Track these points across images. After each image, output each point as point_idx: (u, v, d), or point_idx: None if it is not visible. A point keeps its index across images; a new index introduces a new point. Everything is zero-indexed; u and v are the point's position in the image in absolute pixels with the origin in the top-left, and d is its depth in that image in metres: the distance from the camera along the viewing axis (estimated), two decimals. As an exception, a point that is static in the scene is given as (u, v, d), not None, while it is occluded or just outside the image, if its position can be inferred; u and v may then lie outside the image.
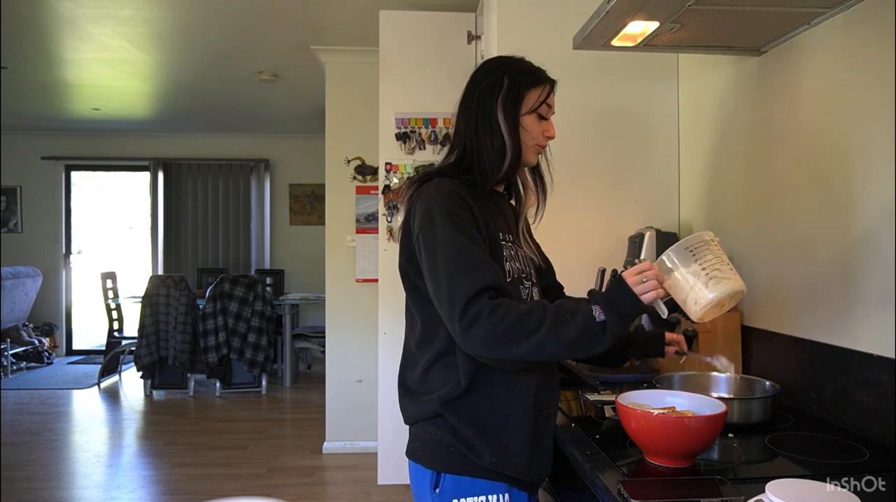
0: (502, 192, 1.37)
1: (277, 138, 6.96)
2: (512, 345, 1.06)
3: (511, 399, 1.20)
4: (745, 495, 0.91)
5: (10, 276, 5.93)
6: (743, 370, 1.73)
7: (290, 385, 5.70)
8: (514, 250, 1.28)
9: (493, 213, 1.26)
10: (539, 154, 1.33)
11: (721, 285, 1.12)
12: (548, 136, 1.30)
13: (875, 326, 1.30)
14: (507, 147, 1.25)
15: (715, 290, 1.12)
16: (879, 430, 1.27)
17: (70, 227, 7.10)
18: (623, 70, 2.18)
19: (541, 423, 1.23)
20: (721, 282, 1.13)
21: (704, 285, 1.12)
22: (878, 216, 1.30)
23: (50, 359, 6.60)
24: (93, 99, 5.37)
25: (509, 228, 1.31)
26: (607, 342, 1.08)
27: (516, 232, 1.34)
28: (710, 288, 1.12)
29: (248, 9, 3.30)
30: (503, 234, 1.26)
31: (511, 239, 1.29)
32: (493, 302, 1.07)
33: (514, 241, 1.30)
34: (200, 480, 3.51)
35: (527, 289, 1.27)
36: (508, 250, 1.25)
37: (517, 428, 1.19)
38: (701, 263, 1.14)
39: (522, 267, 1.28)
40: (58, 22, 3.48)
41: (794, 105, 1.58)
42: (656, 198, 2.21)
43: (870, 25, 1.33)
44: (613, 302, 1.09)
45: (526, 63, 1.32)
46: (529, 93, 1.27)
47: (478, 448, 1.17)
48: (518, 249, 1.30)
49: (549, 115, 1.31)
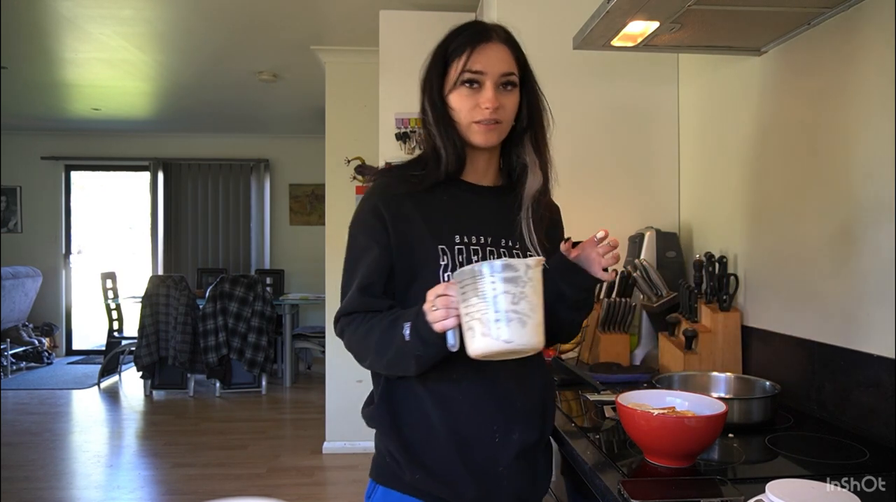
0: (490, 187, 1.17)
1: (277, 138, 6.96)
2: (364, 362, 1.09)
3: (430, 415, 1.07)
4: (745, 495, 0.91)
5: (9, 276, 5.93)
6: (743, 370, 1.73)
7: (290, 385, 5.69)
8: (479, 255, 1.09)
9: (448, 212, 1.11)
10: (488, 129, 1.08)
11: (474, 341, 0.90)
12: (483, 107, 1.07)
13: (875, 326, 1.30)
14: (436, 137, 1.11)
15: (469, 345, 0.91)
16: (879, 430, 1.27)
17: (70, 227, 7.10)
18: (623, 70, 2.18)
19: (478, 447, 1.06)
20: (475, 337, 0.90)
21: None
22: (879, 216, 1.30)
23: (50, 359, 6.60)
24: (93, 99, 5.37)
25: (483, 228, 1.12)
26: (417, 366, 1.00)
27: (504, 230, 1.13)
28: (467, 339, 0.91)
29: (248, 9, 3.30)
30: (461, 237, 1.09)
31: (483, 240, 1.11)
32: (347, 318, 1.09)
33: (486, 243, 1.11)
34: (200, 480, 3.51)
35: None
36: (464, 255, 1.09)
37: (440, 450, 1.06)
38: (466, 305, 0.90)
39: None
40: (58, 22, 3.48)
41: (794, 105, 1.58)
42: (656, 198, 2.21)
43: (870, 25, 1.33)
44: (417, 324, 0.97)
45: (460, 28, 1.13)
46: (452, 65, 1.09)
47: (401, 463, 1.07)
48: (493, 249, 1.11)
49: (485, 80, 1.07)
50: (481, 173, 1.17)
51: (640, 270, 1.93)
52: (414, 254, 1.08)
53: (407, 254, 1.09)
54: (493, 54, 1.09)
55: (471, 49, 1.08)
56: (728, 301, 1.75)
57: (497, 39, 1.10)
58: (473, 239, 1.10)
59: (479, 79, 1.08)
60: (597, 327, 1.97)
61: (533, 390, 1.14)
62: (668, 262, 2.00)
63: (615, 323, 1.95)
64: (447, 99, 1.10)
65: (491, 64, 1.08)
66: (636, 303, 1.99)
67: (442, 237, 1.09)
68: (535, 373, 1.15)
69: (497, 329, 0.88)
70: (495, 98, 1.07)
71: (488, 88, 1.07)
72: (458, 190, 1.14)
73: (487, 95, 1.07)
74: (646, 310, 2.01)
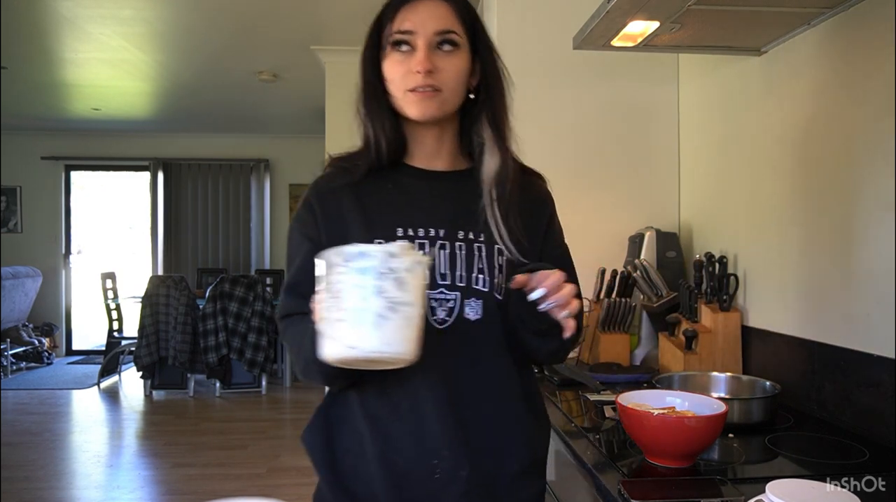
0: (445, 171, 1.02)
1: (277, 138, 6.96)
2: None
3: (364, 441, 0.94)
4: (745, 495, 0.91)
5: (9, 276, 5.93)
6: (743, 370, 1.73)
7: (290, 385, 5.69)
8: (426, 250, 0.95)
9: (391, 202, 0.99)
10: (423, 96, 0.93)
11: (321, 345, 0.76)
12: (415, 71, 0.93)
13: (875, 326, 1.30)
14: (363, 113, 1.00)
15: (321, 348, 0.77)
16: (879, 430, 1.27)
17: (70, 227, 7.11)
18: (623, 70, 2.18)
19: (415, 484, 0.92)
20: (322, 340, 0.76)
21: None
22: (879, 215, 1.30)
23: (50, 359, 6.60)
24: (93, 99, 5.37)
25: (433, 219, 0.97)
26: (324, 379, 0.91)
27: (463, 221, 0.97)
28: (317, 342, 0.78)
29: (248, 9, 3.30)
30: (404, 230, 0.96)
31: (433, 233, 0.96)
32: (282, 323, 0.98)
33: (438, 235, 0.96)
34: (200, 480, 3.51)
35: (441, 300, 0.93)
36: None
37: (372, 484, 0.93)
38: (320, 302, 0.77)
39: (434, 272, 0.94)
40: (58, 22, 3.48)
41: (794, 105, 1.58)
42: (656, 198, 2.21)
43: (870, 25, 1.33)
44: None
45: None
46: (385, 31, 0.96)
47: (328, 498, 0.97)
48: (446, 243, 0.96)
49: (416, 40, 0.93)
50: (431, 155, 1.02)
51: (640, 270, 1.93)
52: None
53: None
54: (425, 10, 0.94)
55: (400, 7, 0.95)
56: (728, 301, 1.75)
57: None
58: (421, 231, 0.96)
59: (410, 39, 0.94)
60: (597, 327, 1.97)
61: (500, 415, 0.96)
62: (668, 262, 2.00)
63: (615, 323, 1.95)
64: (383, 72, 0.97)
65: (422, 21, 0.94)
66: (636, 303, 1.99)
67: (378, 230, 0.95)
68: (507, 393, 0.97)
69: (340, 330, 0.73)
70: (427, 59, 0.93)
71: (420, 49, 0.93)
72: (405, 176, 1.01)
73: (419, 57, 0.93)
74: (646, 310, 2.01)
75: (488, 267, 0.96)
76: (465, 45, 0.96)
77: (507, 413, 0.97)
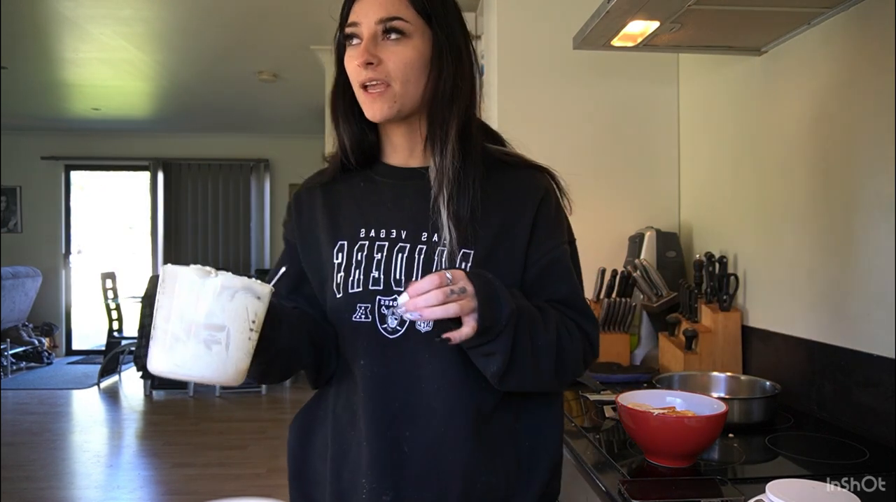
0: (418, 168, 0.94)
1: (277, 138, 6.96)
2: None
3: (326, 449, 0.93)
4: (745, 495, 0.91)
5: (10, 276, 5.93)
6: (743, 370, 1.73)
7: (290, 385, 5.69)
8: (385, 252, 0.89)
9: (360, 203, 0.94)
10: (373, 97, 0.87)
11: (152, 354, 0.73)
12: (356, 64, 0.87)
13: (875, 326, 1.30)
14: (332, 110, 0.95)
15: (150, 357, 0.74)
16: (879, 430, 1.27)
17: (70, 227, 7.10)
18: (623, 70, 2.18)
19: (343, 485, 0.89)
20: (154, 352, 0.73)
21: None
22: (879, 215, 1.30)
23: (50, 359, 6.60)
24: (93, 99, 5.37)
25: (396, 220, 0.91)
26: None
27: (426, 222, 0.89)
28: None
29: (248, 9, 3.30)
30: (367, 231, 0.91)
31: (394, 235, 0.90)
32: None
33: (399, 237, 0.90)
34: (200, 480, 3.51)
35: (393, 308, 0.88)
36: (364, 252, 0.90)
37: (322, 497, 0.93)
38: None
39: (389, 276, 0.88)
40: (58, 22, 3.48)
41: (794, 105, 1.58)
42: (656, 198, 2.21)
43: (870, 25, 1.33)
44: None
45: None
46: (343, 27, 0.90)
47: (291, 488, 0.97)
48: (406, 246, 0.90)
49: (360, 30, 0.87)
50: (405, 153, 0.95)
51: (640, 270, 1.93)
52: (319, 253, 0.94)
53: (312, 252, 0.95)
54: (369, 1, 0.87)
55: (351, 1, 0.89)
56: (728, 301, 1.75)
57: None
58: (382, 233, 0.90)
59: (357, 31, 0.87)
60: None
61: (444, 439, 0.86)
62: (668, 262, 2.00)
63: (615, 323, 1.95)
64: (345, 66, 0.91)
65: (365, 11, 0.87)
66: (636, 303, 1.99)
67: (342, 232, 0.92)
68: (455, 416, 0.86)
69: (151, 345, 0.73)
70: (365, 50, 0.85)
71: (365, 41, 0.86)
72: (378, 174, 0.96)
73: (361, 48, 0.86)
74: (646, 310, 2.01)
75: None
76: (418, 32, 0.87)
77: (451, 434, 0.86)
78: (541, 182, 0.96)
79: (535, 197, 0.93)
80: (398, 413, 0.86)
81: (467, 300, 0.76)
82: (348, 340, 0.91)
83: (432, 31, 0.89)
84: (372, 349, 0.88)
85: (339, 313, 0.90)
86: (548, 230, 0.93)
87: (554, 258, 0.92)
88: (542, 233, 0.92)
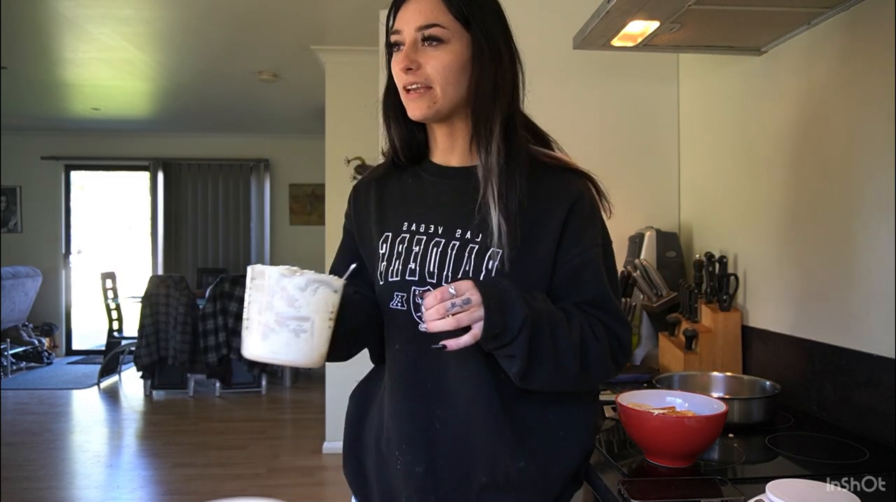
0: (458, 167, 1.01)
1: (277, 138, 6.96)
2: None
3: (374, 420, 1.04)
4: (745, 495, 0.91)
5: (10, 276, 5.93)
6: (743, 370, 1.73)
7: (290, 385, 5.69)
8: (422, 246, 0.96)
9: (406, 198, 1.02)
10: (415, 97, 0.94)
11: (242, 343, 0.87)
12: (397, 69, 0.95)
13: (875, 326, 1.30)
14: (383, 112, 1.04)
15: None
16: (879, 430, 1.27)
17: (70, 227, 7.10)
18: (623, 70, 2.18)
19: (385, 468, 1.00)
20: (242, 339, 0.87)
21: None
22: (879, 215, 1.30)
23: (50, 359, 6.60)
24: (93, 99, 5.37)
25: (435, 215, 0.98)
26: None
27: (461, 219, 0.95)
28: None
29: (248, 9, 3.30)
30: (409, 225, 0.99)
31: (432, 230, 0.97)
32: None
33: (435, 232, 0.97)
34: (200, 480, 3.51)
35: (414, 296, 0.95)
36: (405, 244, 0.97)
37: (369, 458, 1.04)
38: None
39: (424, 268, 0.95)
40: (58, 22, 3.48)
41: (794, 105, 1.58)
42: (656, 198, 2.21)
43: (870, 25, 1.33)
44: None
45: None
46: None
47: (345, 454, 1.10)
48: (441, 240, 0.96)
49: (403, 36, 0.94)
50: (447, 152, 1.02)
51: (640, 270, 1.93)
52: (372, 243, 1.03)
53: (366, 242, 1.05)
54: (411, 7, 0.93)
55: (395, 9, 0.95)
56: (728, 301, 1.75)
57: None
58: (422, 227, 0.98)
59: (399, 38, 0.94)
60: (597, 327, 1.96)
61: (470, 421, 0.94)
62: (668, 262, 2.00)
63: (615, 323, 1.94)
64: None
65: (406, 19, 0.93)
66: (636, 303, 1.99)
67: (388, 225, 1.01)
68: (480, 400, 0.93)
69: (244, 335, 0.84)
70: (406, 56, 0.92)
71: (407, 46, 0.93)
72: (424, 172, 1.03)
73: (402, 54, 0.93)
74: (646, 310, 2.01)
75: (475, 269, 0.92)
76: (456, 36, 0.93)
77: (478, 418, 0.93)
78: (575, 186, 0.99)
79: (568, 200, 0.97)
80: (428, 394, 0.95)
81: (472, 310, 0.81)
82: (387, 325, 1.00)
83: (470, 33, 0.94)
84: (405, 335, 0.96)
85: (381, 300, 1.00)
86: (579, 233, 0.96)
87: (585, 260, 0.95)
88: (572, 235, 0.95)
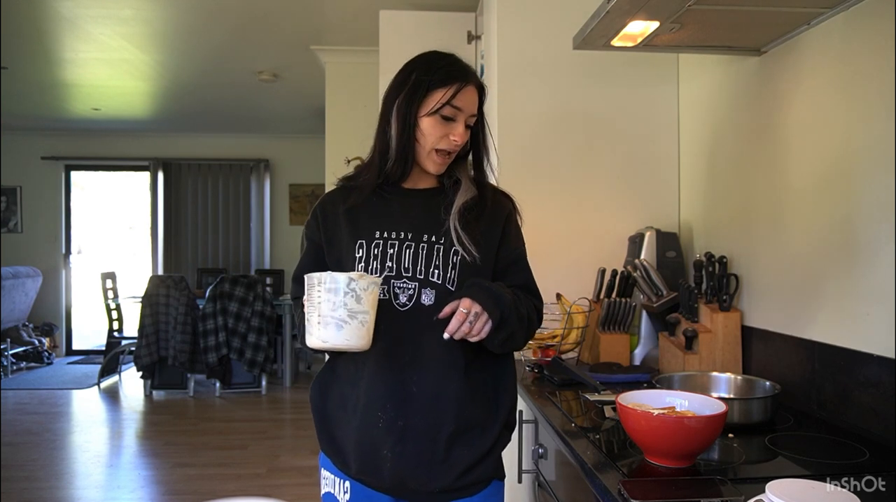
0: (421, 189, 1.29)
1: (277, 138, 6.96)
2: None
3: (343, 394, 1.25)
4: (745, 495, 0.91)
5: (10, 276, 5.93)
6: (743, 370, 1.73)
7: (290, 385, 5.70)
8: (396, 248, 1.21)
9: (374, 213, 1.24)
10: (444, 160, 1.24)
11: (308, 337, 1.08)
12: (452, 140, 1.21)
13: (875, 326, 1.30)
14: (391, 150, 1.23)
15: (306, 339, 1.10)
16: (879, 430, 1.27)
17: (70, 227, 7.11)
18: (623, 70, 2.18)
19: (366, 428, 1.19)
20: (308, 334, 1.08)
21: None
22: (879, 215, 1.30)
23: (50, 359, 6.60)
24: (93, 99, 5.37)
25: (404, 224, 1.23)
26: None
27: (428, 226, 1.23)
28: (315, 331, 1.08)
29: (248, 9, 3.30)
30: (381, 233, 1.22)
31: (402, 236, 1.22)
32: (295, 304, 1.29)
33: (406, 238, 1.22)
34: (200, 480, 3.51)
35: (403, 288, 1.20)
36: (380, 248, 1.21)
37: (344, 425, 1.24)
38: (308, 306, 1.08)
39: (400, 265, 1.20)
40: (58, 22, 3.48)
41: (794, 105, 1.58)
42: (656, 198, 2.21)
43: (870, 25, 1.33)
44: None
45: (442, 61, 1.23)
46: (433, 93, 1.20)
47: (318, 431, 1.28)
48: (412, 244, 1.21)
49: (460, 118, 1.21)
50: (418, 181, 1.30)
51: (640, 270, 1.93)
52: (341, 249, 1.25)
53: (335, 249, 1.26)
54: (470, 96, 1.22)
55: (459, 87, 1.20)
56: (728, 301, 1.75)
57: (474, 82, 1.24)
58: (393, 234, 1.23)
59: (456, 115, 1.21)
60: (597, 327, 1.97)
61: (439, 381, 1.19)
62: (668, 262, 2.00)
63: (615, 323, 1.95)
64: (419, 121, 1.21)
65: (467, 104, 1.22)
66: (636, 303, 1.99)
67: (361, 233, 1.23)
68: (448, 364, 1.20)
69: (317, 329, 1.05)
70: (463, 136, 1.23)
71: (461, 124, 1.22)
72: (390, 191, 1.27)
73: (459, 130, 1.22)
74: (646, 310, 2.01)
75: (443, 264, 1.21)
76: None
77: (447, 380, 1.19)
78: (507, 203, 1.33)
79: (504, 213, 1.30)
80: (406, 365, 1.19)
81: (484, 319, 1.13)
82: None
83: (477, 116, 1.27)
84: (388, 318, 1.18)
85: None
86: (512, 236, 1.30)
87: (517, 255, 1.31)
88: (508, 238, 1.29)
